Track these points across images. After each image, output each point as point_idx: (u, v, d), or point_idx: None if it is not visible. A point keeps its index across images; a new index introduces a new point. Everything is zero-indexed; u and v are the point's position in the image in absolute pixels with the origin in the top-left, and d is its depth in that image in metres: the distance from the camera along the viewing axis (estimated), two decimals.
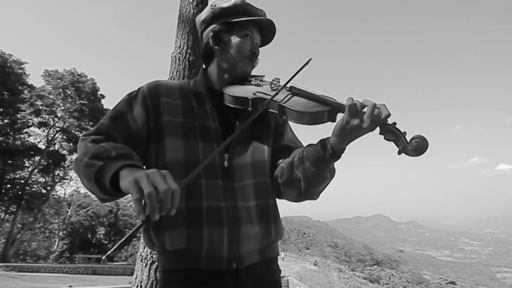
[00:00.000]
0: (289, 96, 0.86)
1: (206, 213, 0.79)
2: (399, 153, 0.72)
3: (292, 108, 0.80)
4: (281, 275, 0.96)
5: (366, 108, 0.71)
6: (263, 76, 1.00)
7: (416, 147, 0.70)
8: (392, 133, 0.73)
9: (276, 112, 0.84)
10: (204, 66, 1.01)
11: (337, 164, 0.86)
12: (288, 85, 0.88)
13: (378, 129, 0.74)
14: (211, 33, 0.93)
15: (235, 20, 0.91)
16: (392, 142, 0.74)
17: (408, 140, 0.71)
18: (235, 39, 0.91)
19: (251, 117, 0.76)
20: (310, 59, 0.89)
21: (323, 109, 0.79)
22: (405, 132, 0.72)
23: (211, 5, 0.95)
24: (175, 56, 3.20)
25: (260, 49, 1.01)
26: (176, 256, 0.79)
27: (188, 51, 3.21)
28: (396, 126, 0.73)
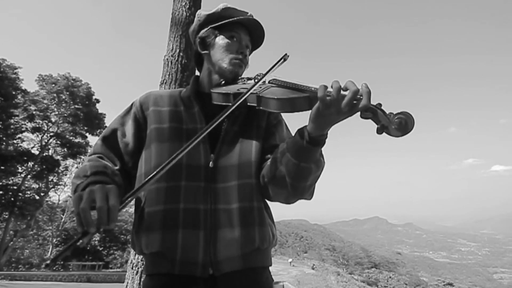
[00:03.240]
0: (268, 87, 0.84)
1: (182, 216, 0.78)
2: (379, 131, 0.62)
3: (268, 97, 0.78)
4: (278, 280, 0.90)
5: (347, 91, 0.63)
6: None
7: (399, 124, 0.60)
8: (371, 112, 0.63)
9: (255, 104, 0.82)
10: (199, 73, 1.05)
11: (333, 167, 0.78)
12: (269, 78, 0.88)
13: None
14: (198, 40, 0.98)
15: (219, 23, 0.95)
16: (370, 120, 0.64)
17: (390, 118, 0.61)
18: (220, 41, 0.94)
19: (226, 110, 0.72)
20: (286, 54, 0.87)
21: (301, 95, 0.74)
22: (390, 114, 0.62)
23: (197, 15, 1.00)
24: (167, 59, 3.16)
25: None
26: (152, 260, 0.80)
27: (181, 54, 3.17)
28: (380, 106, 0.63)
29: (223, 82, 0.94)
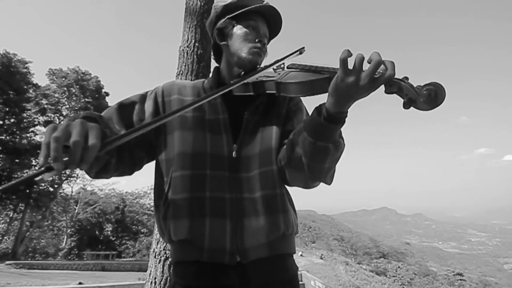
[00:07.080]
0: (287, 72, 0.84)
1: (209, 204, 0.79)
2: (406, 106, 0.57)
3: (287, 81, 0.78)
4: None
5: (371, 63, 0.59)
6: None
7: (428, 96, 0.54)
8: (396, 85, 0.59)
9: (274, 91, 0.82)
10: (218, 65, 1.04)
11: (342, 157, 0.77)
12: (287, 64, 0.87)
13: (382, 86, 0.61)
14: (216, 31, 0.97)
15: (236, 13, 0.94)
16: (396, 95, 0.60)
17: (418, 91, 0.56)
18: (238, 31, 0.94)
19: (239, 80, 0.77)
20: (303, 48, 0.87)
21: (321, 77, 0.72)
22: (418, 86, 0.58)
23: (214, 6, 0.99)
24: (183, 49, 3.14)
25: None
26: (180, 248, 0.81)
27: (196, 44, 3.15)
28: (407, 80, 0.59)
29: (242, 73, 0.94)
